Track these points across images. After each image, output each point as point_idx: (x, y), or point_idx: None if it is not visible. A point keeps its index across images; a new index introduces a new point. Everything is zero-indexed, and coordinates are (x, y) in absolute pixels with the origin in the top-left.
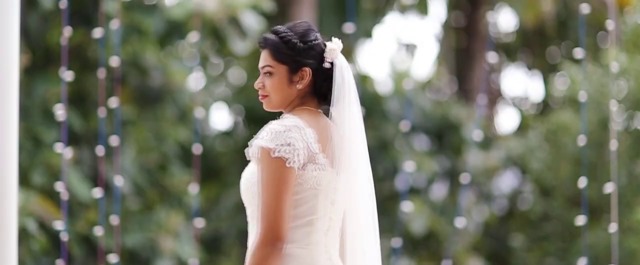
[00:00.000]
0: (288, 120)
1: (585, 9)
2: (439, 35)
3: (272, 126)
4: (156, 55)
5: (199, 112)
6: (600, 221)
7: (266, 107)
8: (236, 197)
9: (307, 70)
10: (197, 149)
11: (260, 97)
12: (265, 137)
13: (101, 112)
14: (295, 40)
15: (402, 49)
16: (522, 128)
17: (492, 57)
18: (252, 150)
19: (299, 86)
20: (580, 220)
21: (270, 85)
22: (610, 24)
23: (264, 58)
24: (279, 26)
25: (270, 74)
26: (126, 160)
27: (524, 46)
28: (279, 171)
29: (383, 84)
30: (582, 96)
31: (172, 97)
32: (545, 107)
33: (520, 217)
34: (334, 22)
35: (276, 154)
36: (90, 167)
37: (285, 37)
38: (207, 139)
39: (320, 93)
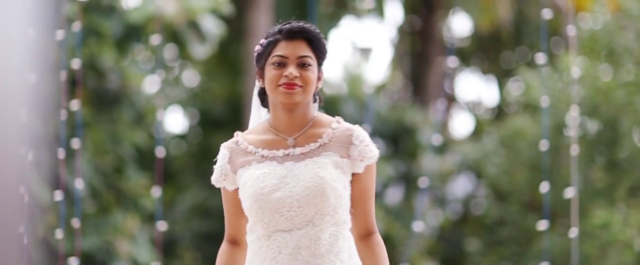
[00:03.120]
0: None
1: (547, 14)
2: (394, 39)
3: (366, 133)
4: (113, 58)
5: (160, 115)
6: (555, 226)
7: (295, 100)
8: (191, 200)
9: (322, 69)
10: (160, 152)
11: (289, 87)
12: (374, 145)
13: (61, 115)
14: None
15: (357, 53)
16: (477, 133)
17: (451, 61)
18: (373, 159)
19: (319, 86)
20: (542, 225)
21: (308, 76)
22: (571, 30)
23: (302, 48)
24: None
25: (307, 65)
26: (82, 163)
27: (479, 51)
28: None
29: (338, 87)
30: (544, 101)
31: (129, 99)
32: (500, 112)
33: (475, 222)
34: None
35: None
36: (47, 170)
37: (320, 32)
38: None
39: None
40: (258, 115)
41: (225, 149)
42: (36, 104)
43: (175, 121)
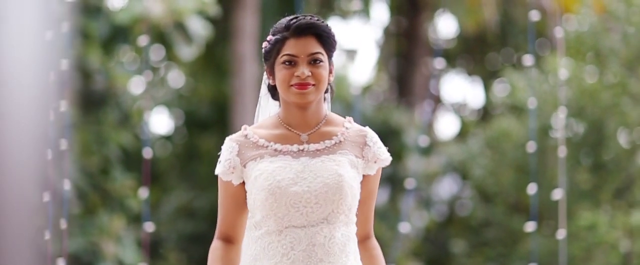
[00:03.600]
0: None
1: (534, 16)
2: (380, 40)
3: (376, 135)
4: (99, 59)
5: (147, 116)
6: (541, 227)
7: (308, 99)
8: (176, 201)
9: (332, 61)
10: (147, 153)
11: (302, 87)
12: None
13: (50, 116)
14: None
15: (343, 54)
16: (462, 134)
17: (438, 63)
18: (386, 161)
19: (331, 79)
20: (530, 226)
21: (320, 73)
22: (558, 32)
23: (311, 45)
24: (311, 15)
25: (319, 61)
26: (68, 164)
27: (464, 52)
28: None
29: None
30: (531, 103)
31: (115, 100)
32: (485, 113)
33: (461, 223)
34: None
35: None
36: (36, 171)
37: (328, 25)
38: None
39: None
40: (267, 111)
41: (232, 142)
42: (30, 104)
43: (160, 122)
